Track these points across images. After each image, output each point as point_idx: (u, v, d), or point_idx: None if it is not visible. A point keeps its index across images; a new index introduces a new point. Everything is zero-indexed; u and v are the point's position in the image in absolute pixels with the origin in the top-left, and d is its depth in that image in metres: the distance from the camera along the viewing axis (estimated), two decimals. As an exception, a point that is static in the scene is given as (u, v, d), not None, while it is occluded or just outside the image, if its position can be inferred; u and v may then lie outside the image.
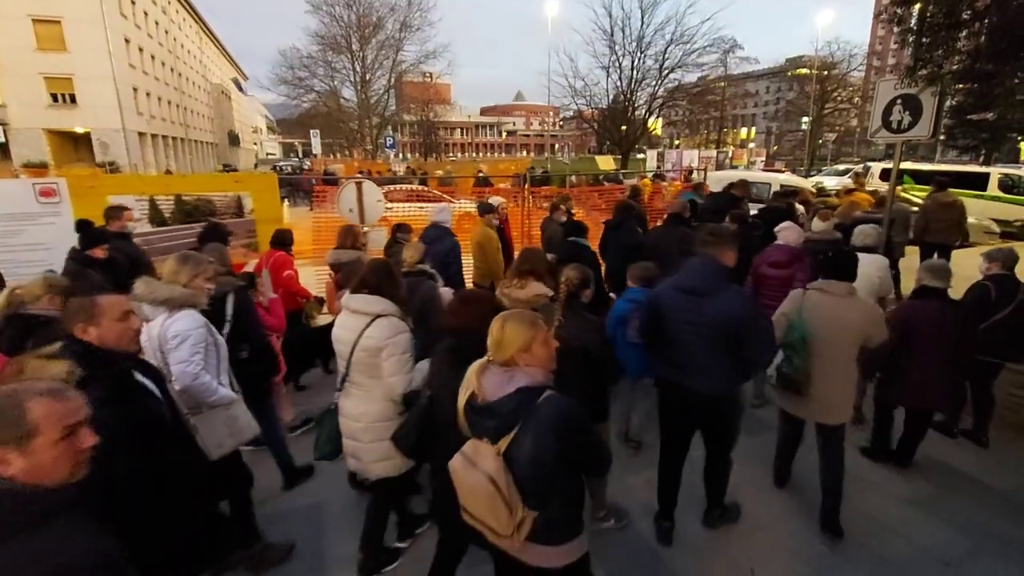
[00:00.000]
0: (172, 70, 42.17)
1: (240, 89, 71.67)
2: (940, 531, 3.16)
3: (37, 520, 1.07)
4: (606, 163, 29.57)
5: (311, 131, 35.03)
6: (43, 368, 1.59)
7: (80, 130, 30.26)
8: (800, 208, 6.90)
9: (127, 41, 32.61)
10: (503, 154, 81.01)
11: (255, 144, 75.90)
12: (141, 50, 35.26)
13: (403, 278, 3.20)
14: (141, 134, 33.55)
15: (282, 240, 4.83)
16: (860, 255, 4.17)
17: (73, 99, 29.61)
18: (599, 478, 1.65)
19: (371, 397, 2.56)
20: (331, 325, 2.78)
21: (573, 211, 6.18)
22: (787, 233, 4.49)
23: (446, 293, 3.61)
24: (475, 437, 1.73)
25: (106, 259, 4.05)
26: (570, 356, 2.07)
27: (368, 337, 2.45)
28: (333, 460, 2.84)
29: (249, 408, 2.75)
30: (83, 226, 4.34)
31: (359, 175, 16.48)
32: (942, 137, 20.48)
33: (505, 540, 1.68)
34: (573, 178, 15.74)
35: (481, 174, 18.67)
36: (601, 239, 5.59)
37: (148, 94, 35.75)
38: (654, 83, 30.77)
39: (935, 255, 7.38)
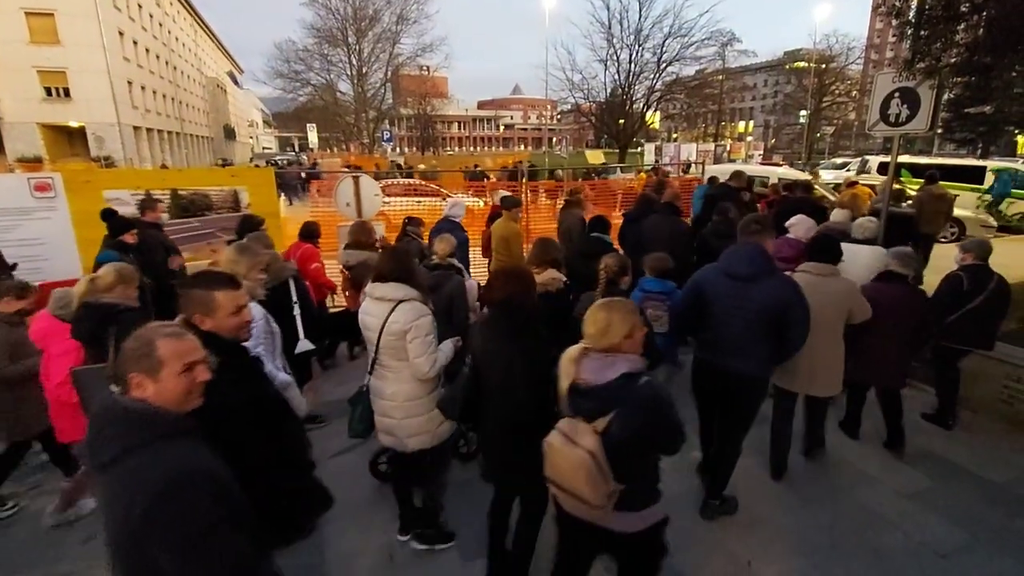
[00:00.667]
0: (167, 63, 41.85)
1: (235, 83, 71.22)
2: (936, 524, 3.18)
3: (164, 434, 1.34)
4: (595, 157, 29.60)
5: (307, 125, 34.91)
6: None
7: (75, 124, 30.03)
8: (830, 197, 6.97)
9: (121, 34, 32.33)
10: (500, 148, 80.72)
11: (251, 138, 75.43)
12: (135, 43, 34.96)
13: (432, 269, 3.52)
14: (136, 128, 33.33)
15: (310, 233, 5.03)
16: (860, 247, 4.32)
17: (67, 93, 29.34)
18: (672, 455, 1.93)
19: (401, 378, 2.71)
20: (345, 311, 2.87)
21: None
22: (798, 227, 4.54)
23: (471, 286, 3.76)
24: (573, 416, 1.88)
25: (138, 244, 4.14)
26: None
27: (393, 322, 2.59)
28: (366, 439, 3.01)
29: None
30: (108, 215, 4.39)
31: (345, 170, 16.49)
32: (939, 131, 20.52)
33: (595, 510, 1.82)
34: (560, 172, 15.91)
35: (478, 168, 18.65)
36: (620, 232, 5.66)
37: (143, 88, 35.48)
38: (652, 76, 30.71)
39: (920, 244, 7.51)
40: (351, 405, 2.88)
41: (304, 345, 3.39)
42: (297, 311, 3.32)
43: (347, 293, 4.76)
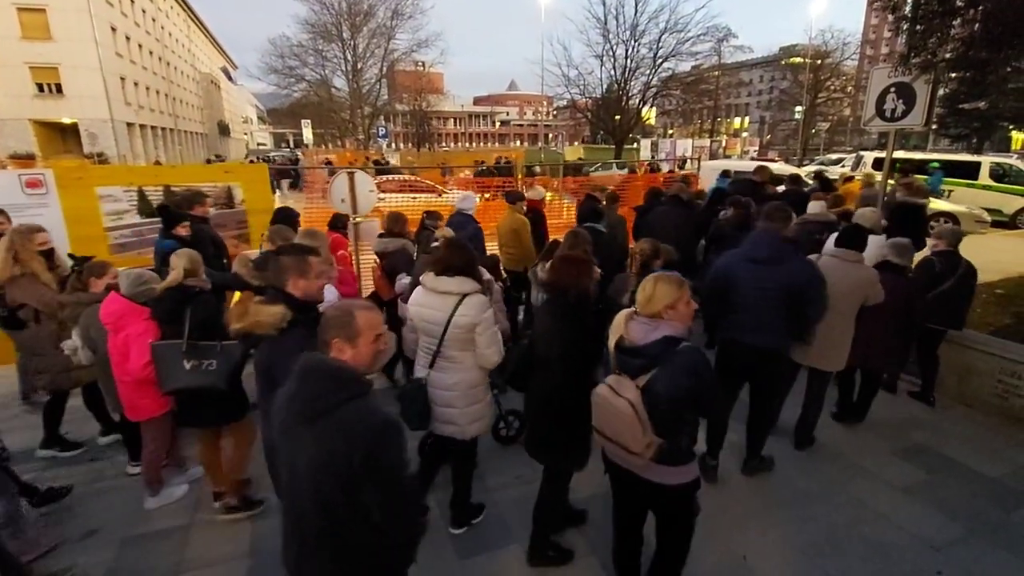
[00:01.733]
0: (160, 59, 41.51)
1: (230, 79, 70.74)
2: (930, 517, 3.19)
3: (363, 392, 1.58)
4: (574, 153, 29.81)
5: (302, 121, 34.67)
6: (264, 310, 2.15)
7: (67, 120, 29.75)
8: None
9: (114, 30, 32.00)
10: (497, 144, 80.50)
11: (245, 134, 75.01)
12: (128, 39, 34.63)
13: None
14: (129, 124, 33.05)
15: (338, 223, 5.29)
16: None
17: (59, 89, 29.05)
18: (711, 419, 2.31)
19: (464, 367, 2.78)
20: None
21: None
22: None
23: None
24: (619, 372, 2.12)
25: (190, 237, 4.38)
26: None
27: (462, 316, 2.67)
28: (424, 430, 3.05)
29: None
30: (163, 209, 4.66)
31: (326, 165, 16.45)
32: (934, 126, 20.57)
33: (635, 457, 2.06)
34: (537, 168, 16.07)
35: (484, 164, 18.65)
36: (634, 224, 6.03)
37: (136, 84, 35.18)
38: (648, 72, 30.56)
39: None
40: (402, 400, 2.87)
41: None
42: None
43: (379, 281, 4.79)
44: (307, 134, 34.26)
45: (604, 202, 5.84)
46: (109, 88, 30.18)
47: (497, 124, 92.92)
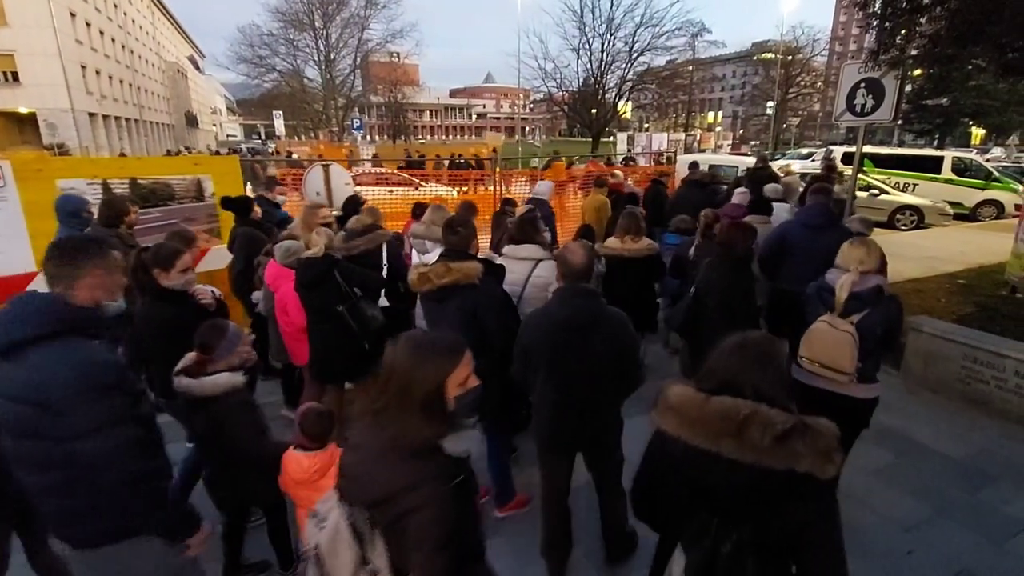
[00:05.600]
0: (123, 47, 40.01)
1: (197, 68, 68.61)
2: (901, 499, 3.30)
3: None
4: (527, 149, 30.59)
5: (274, 112, 33.91)
6: (466, 266, 2.68)
7: (24, 110, 28.47)
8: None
9: (73, 15, 30.72)
10: (473, 137, 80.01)
11: (214, 126, 72.87)
12: (89, 25, 33.28)
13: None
14: (92, 115, 31.83)
15: (420, 211, 5.45)
16: (780, 204, 5.70)
17: (16, 77, 27.77)
18: (890, 351, 2.92)
19: None
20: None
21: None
22: (742, 196, 5.67)
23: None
24: (836, 313, 2.68)
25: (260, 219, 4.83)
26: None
27: (538, 276, 3.21)
28: None
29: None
30: (226, 201, 4.99)
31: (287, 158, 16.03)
32: (899, 122, 21.19)
33: (845, 377, 2.59)
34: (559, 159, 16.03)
35: (461, 158, 18.44)
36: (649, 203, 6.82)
37: (98, 72, 33.86)
38: (624, 66, 30.89)
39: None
40: None
41: (383, 301, 3.90)
42: (385, 271, 3.92)
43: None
44: (279, 126, 33.51)
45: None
46: (69, 76, 28.97)
47: (474, 117, 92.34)
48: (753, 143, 46.47)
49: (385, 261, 3.96)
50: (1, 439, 1.59)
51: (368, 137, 42.77)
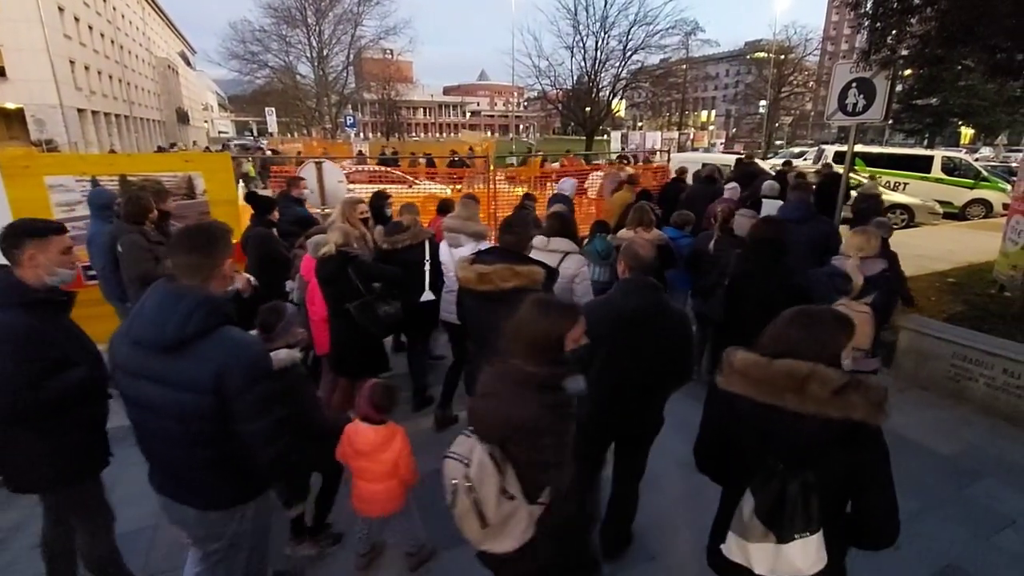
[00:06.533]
0: (113, 42, 39.58)
1: (188, 64, 68.02)
2: (890, 495, 3.33)
3: None
4: (520, 147, 30.77)
5: (266, 109, 33.63)
6: (531, 270, 2.63)
7: (12, 106, 28.10)
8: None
9: (61, 10, 30.34)
10: (468, 133, 79.79)
11: (206, 122, 72.20)
12: (77, 20, 32.88)
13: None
14: (81, 111, 31.50)
15: (445, 208, 5.51)
16: (772, 201, 5.93)
17: (3, 72, 27.39)
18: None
19: None
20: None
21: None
22: (732, 191, 6.17)
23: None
24: (852, 296, 3.00)
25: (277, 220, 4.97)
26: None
27: (567, 268, 3.34)
28: None
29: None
30: (250, 197, 5.24)
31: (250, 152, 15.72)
32: (890, 121, 21.34)
33: (859, 353, 2.87)
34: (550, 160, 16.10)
35: (457, 156, 18.39)
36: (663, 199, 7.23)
37: (87, 68, 33.49)
38: (618, 64, 30.85)
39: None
40: None
41: (427, 295, 4.00)
42: (428, 268, 4.01)
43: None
44: (271, 122, 33.23)
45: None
46: (57, 72, 28.63)
47: (468, 114, 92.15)
48: (745, 141, 46.69)
49: (427, 256, 4.07)
50: (165, 421, 1.68)
51: (362, 135, 42.57)
